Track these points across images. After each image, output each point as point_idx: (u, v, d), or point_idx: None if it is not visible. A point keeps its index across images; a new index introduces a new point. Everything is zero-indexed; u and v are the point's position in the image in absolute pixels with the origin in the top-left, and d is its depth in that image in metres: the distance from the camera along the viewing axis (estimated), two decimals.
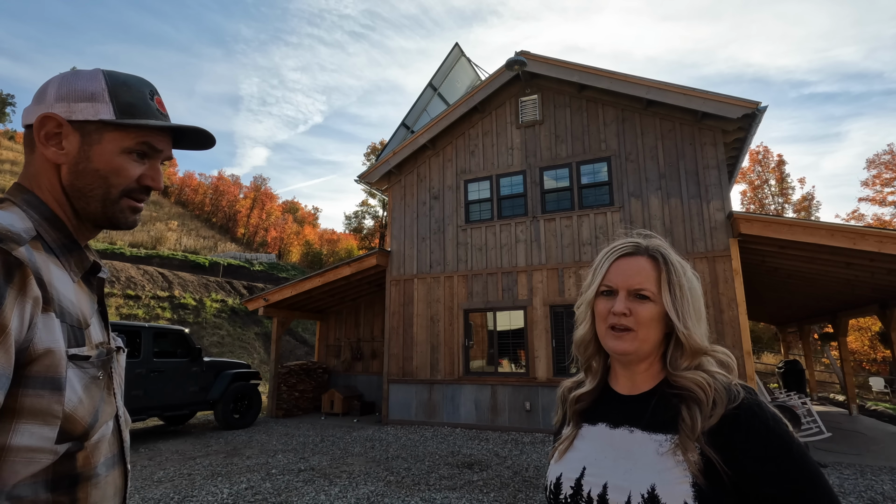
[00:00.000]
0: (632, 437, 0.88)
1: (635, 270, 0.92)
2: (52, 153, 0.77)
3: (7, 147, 42.32)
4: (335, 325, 13.40)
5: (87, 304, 0.79)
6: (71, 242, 0.78)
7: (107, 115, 0.77)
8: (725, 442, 0.78)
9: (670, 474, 0.79)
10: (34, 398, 0.64)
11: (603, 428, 0.93)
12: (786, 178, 36.70)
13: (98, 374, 0.74)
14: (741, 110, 8.05)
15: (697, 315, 0.91)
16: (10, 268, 0.63)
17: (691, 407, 0.83)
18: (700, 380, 0.84)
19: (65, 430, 0.67)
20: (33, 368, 0.64)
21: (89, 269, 0.82)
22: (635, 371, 0.93)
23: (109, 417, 0.78)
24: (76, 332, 0.72)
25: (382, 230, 37.85)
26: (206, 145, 0.92)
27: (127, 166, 0.79)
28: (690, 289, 0.91)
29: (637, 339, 0.89)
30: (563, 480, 0.93)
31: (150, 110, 0.82)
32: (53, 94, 0.78)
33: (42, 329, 0.65)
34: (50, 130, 0.77)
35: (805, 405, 8.18)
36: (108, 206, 0.80)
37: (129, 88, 0.80)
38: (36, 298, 0.65)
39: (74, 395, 0.69)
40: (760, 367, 21.81)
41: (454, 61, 12.95)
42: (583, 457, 0.93)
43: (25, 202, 0.77)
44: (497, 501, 4.87)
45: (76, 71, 0.81)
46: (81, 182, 0.78)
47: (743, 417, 0.79)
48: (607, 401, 0.97)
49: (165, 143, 0.84)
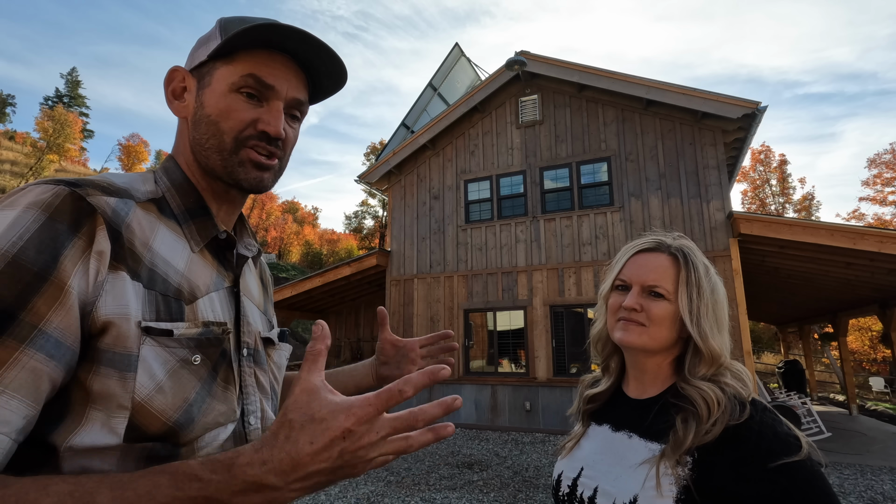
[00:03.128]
0: (628, 443, 0.85)
1: (652, 267, 0.89)
2: (175, 108, 0.70)
3: (7, 147, 42.30)
4: (335, 325, 13.41)
5: (209, 277, 0.66)
6: (198, 208, 0.68)
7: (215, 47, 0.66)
8: (719, 459, 0.74)
9: (653, 487, 0.76)
10: (103, 378, 0.52)
11: (606, 430, 0.92)
12: (787, 177, 36.71)
13: (192, 357, 0.59)
14: (741, 110, 8.05)
15: (719, 323, 0.86)
16: (80, 215, 0.53)
17: (688, 420, 0.78)
18: (708, 394, 0.79)
19: (136, 424, 0.53)
20: (103, 340, 0.53)
21: (223, 242, 0.70)
22: (644, 372, 0.91)
23: (224, 419, 0.62)
24: (170, 304, 0.59)
25: (382, 230, 37.85)
26: (336, 76, 0.73)
27: (236, 107, 0.66)
28: (713, 294, 0.87)
29: (646, 334, 0.86)
30: (562, 478, 0.93)
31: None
32: (188, 56, 0.71)
33: (109, 291, 0.53)
34: (176, 86, 0.70)
35: (805, 405, 8.19)
36: (226, 159, 0.67)
37: (243, 21, 0.66)
38: (101, 252, 0.53)
39: (150, 379, 0.55)
40: (760, 367, 21.80)
41: (454, 61, 12.95)
42: (583, 456, 0.92)
43: (163, 168, 0.70)
44: (497, 501, 4.88)
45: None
46: (199, 133, 0.67)
47: (744, 435, 0.74)
48: (617, 403, 0.95)
49: (279, 76, 0.67)
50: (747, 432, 0.74)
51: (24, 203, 0.51)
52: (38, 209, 0.51)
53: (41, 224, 0.50)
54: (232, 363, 0.65)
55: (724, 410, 0.77)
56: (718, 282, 0.89)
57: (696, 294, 0.85)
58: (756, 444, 0.73)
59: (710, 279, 0.88)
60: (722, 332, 0.86)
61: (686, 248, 0.91)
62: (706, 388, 0.80)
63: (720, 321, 0.87)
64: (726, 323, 0.88)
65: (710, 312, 0.85)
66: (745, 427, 0.75)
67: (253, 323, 0.72)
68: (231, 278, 0.71)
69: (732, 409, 0.77)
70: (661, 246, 0.91)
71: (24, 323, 0.47)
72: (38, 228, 0.50)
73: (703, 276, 0.87)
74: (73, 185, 0.55)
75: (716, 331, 0.85)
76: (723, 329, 0.87)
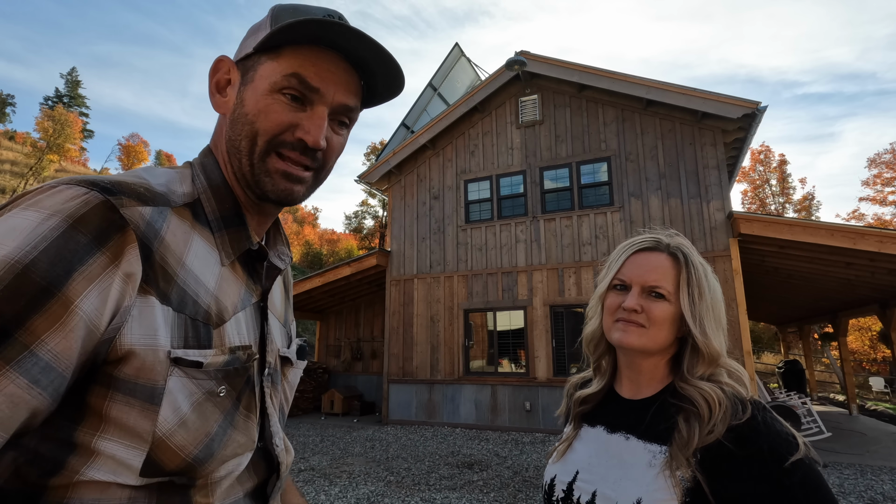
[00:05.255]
0: (626, 445, 0.84)
1: (653, 267, 0.86)
2: (216, 102, 0.63)
3: (7, 147, 42.30)
4: (335, 325, 13.41)
5: (237, 294, 0.61)
6: (233, 216, 0.62)
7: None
8: (723, 460, 0.73)
9: (658, 489, 0.75)
10: (122, 406, 0.48)
11: (600, 431, 0.90)
12: (787, 177, 36.71)
13: (219, 388, 0.54)
14: (741, 110, 8.05)
15: (717, 322, 0.85)
16: (109, 229, 0.48)
17: (690, 421, 0.77)
18: (709, 393, 0.78)
19: (154, 460, 0.50)
20: (123, 369, 0.48)
21: (254, 253, 0.64)
22: (639, 373, 0.89)
23: (242, 450, 0.58)
24: (198, 329, 0.54)
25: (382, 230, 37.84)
26: (392, 81, 0.65)
27: (276, 107, 0.58)
28: (712, 293, 0.86)
29: (646, 335, 0.84)
30: (556, 483, 0.91)
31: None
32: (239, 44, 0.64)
33: (136, 318, 0.49)
34: (221, 78, 0.63)
35: (805, 405, 8.19)
36: (254, 164, 0.60)
37: (296, 11, 0.60)
38: (130, 275, 0.48)
39: (174, 413, 0.50)
40: (760, 367, 21.80)
41: (454, 61, 12.95)
42: (578, 459, 0.90)
43: (201, 164, 0.64)
44: (497, 501, 4.88)
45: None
46: (234, 132, 0.61)
47: (746, 435, 0.73)
48: (609, 404, 0.93)
49: (325, 79, 0.59)
50: (750, 432, 0.73)
51: (49, 206, 0.46)
52: (61, 216, 0.46)
53: (60, 233, 0.45)
54: (255, 388, 0.61)
55: (726, 410, 0.76)
56: (715, 280, 0.89)
57: (697, 294, 0.84)
58: (760, 443, 0.72)
59: (709, 278, 0.87)
60: (720, 331, 0.86)
61: (684, 246, 0.89)
62: (706, 387, 0.79)
63: (719, 320, 0.86)
64: (724, 320, 0.87)
65: (710, 312, 0.84)
66: (747, 427, 0.74)
67: (275, 340, 0.68)
68: (259, 293, 0.65)
69: (734, 409, 0.76)
70: (659, 245, 0.89)
71: (17, 342, 0.42)
72: (57, 238, 0.45)
73: (702, 275, 0.86)
74: (108, 191, 0.49)
75: (716, 330, 0.84)
76: (721, 327, 0.86)
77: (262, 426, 0.63)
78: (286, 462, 0.66)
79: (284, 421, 0.72)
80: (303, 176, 0.62)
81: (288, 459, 0.67)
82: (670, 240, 0.90)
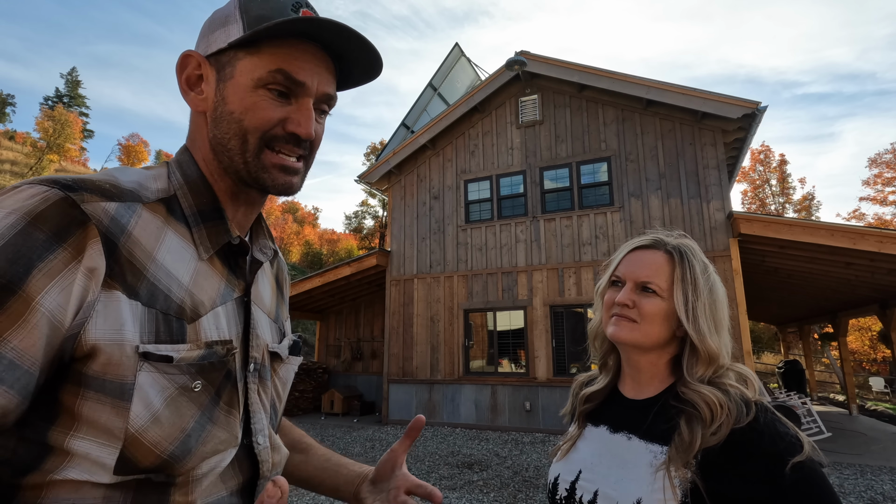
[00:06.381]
0: (628, 445, 0.84)
1: (646, 263, 0.89)
2: (192, 100, 0.63)
3: (7, 147, 42.31)
4: (335, 325, 13.41)
5: (215, 289, 0.61)
6: (211, 210, 0.62)
7: (236, 34, 0.59)
8: (724, 461, 0.73)
9: (659, 489, 0.75)
10: (93, 404, 0.48)
11: (603, 431, 0.91)
12: (787, 177, 36.71)
13: (193, 383, 0.54)
14: (741, 110, 8.05)
15: (717, 322, 0.85)
16: (69, 224, 0.48)
17: (692, 423, 0.77)
18: (710, 397, 0.77)
19: (128, 457, 0.49)
20: (91, 366, 0.48)
21: (235, 248, 0.64)
22: (639, 371, 0.90)
23: (224, 446, 0.57)
24: (170, 323, 0.54)
25: (382, 230, 37.84)
26: (369, 67, 0.66)
27: (263, 104, 0.59)
28: (710, 293, 0.86)
29: (637, 330, 0.86)
30: (559, 481, 0.92)
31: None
32: (200, 34, 0.64)
33: (100, 313, 0.49)
34: (191, 73, 0.63)
35: (805, 405, 8.19)
36: (249, 161, 0.60)
37: (265, 1, 0.60)
38: (92, 270, 0.48)
39: (146, 409, 0.50)
40: (760, 367, 21.80)
41: (454, 61, 12.95)
42: (581, 459, 0.91)
43: (177, 162, 0.64)
44: (497, 501, 4.88)
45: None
46: (220, 130, 0.61)
47: (747, 437, 0.73)
48: (613, 403, 0.94)
49: (309, 72, 0.61)
50: (752, 434, 0.74)
51: (8, 205, 0.47)
52: (19, 214, 0.46)
53: (18, 231, 0.45)
54: (237, 383, 0.60)
55: (729, 413, 0.76)
56: (717, 281, 0.88)
57: (691, 291, 0.85)
58: (762, 445, 0.72)
59: (708, 278, 0.87)
60: (721, 332, 0.85)
61: (685, 246, 0.90)
62: (707, 391, 0.79)
63: (718, 321, 0.85)
64: (726, 323, 0.87)
65: (706, 311, 0.84)
66: (750, 429, 0.74)
67: (262, 335, 0.67)
68: (242, 287, 0.65)
69: (738, 411, 0.76)
70: (658, 243, 0.91)
71: None
72: (14, 235, 0.45)
73: (699, 274, 0.86)
74: (69, 187, 0.49)
75: (714, 330, 0.84)
76: (721, 329, 0.85)
77: (247, 423, 0.63)
78: (270, 461, 0.65)
79: (277, 419, 0.71)
80: (297, 166, 0.64)
81: (274, 458, 0.66)
82: (674, 240, 0.91)
